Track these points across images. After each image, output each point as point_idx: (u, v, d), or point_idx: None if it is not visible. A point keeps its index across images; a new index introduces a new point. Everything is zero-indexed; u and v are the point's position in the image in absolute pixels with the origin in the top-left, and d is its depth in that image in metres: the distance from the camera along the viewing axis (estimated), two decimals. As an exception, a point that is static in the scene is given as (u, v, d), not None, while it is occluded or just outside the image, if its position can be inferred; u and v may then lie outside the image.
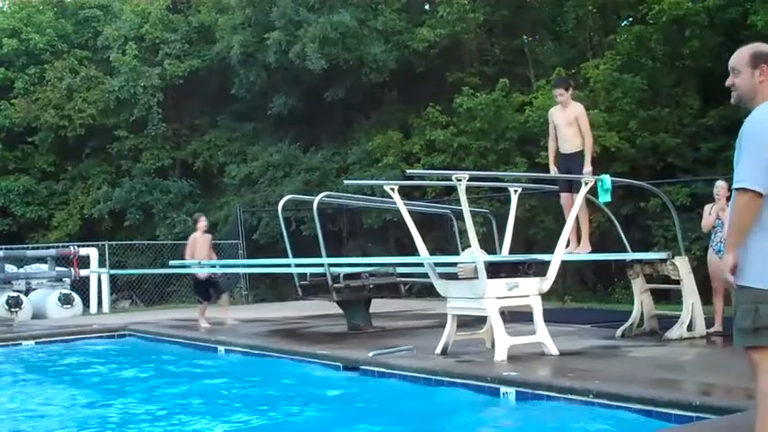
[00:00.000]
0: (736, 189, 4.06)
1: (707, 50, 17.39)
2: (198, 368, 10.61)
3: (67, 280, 18.41)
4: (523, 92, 20.53)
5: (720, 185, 10.12)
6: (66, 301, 17.42)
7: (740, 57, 4.30)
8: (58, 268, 18.37)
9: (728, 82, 4.33)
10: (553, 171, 10.20)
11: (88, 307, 18.69)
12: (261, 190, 24.05)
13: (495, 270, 8.58)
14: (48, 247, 20.27)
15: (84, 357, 12.15)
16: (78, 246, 19.43)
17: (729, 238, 4.16)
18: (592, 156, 9.91)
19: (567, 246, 9.64)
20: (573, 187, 9.83)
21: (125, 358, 12.08)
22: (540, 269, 8.94)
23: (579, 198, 9.25)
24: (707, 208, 10.27)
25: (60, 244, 21.09)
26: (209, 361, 11.02)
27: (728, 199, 10.06)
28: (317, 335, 12.11)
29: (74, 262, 18.72)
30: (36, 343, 13.18)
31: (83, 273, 18.76)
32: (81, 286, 18.86)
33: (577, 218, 9.62)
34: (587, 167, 9.67)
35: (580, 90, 18.86)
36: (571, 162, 9.92)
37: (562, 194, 10.18)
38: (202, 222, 14.11)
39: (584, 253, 10.00)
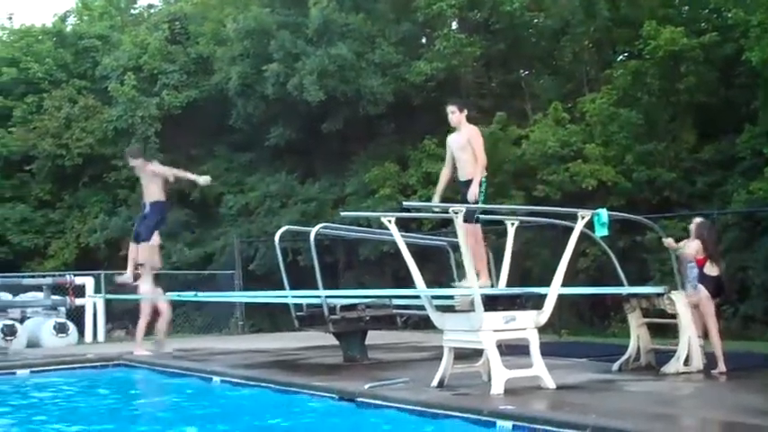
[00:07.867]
0: None
1: (703, 86, 17.53)
2: (192, 399, 10.57)
3: (63, 308, 18.32)
4: (520, 125, 20.61)
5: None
6: (60, 329, 17.34)
7: None
8: (53, 297, 18.30)
9: None
10: (435, 200, 10.12)
11: (83, 336, 18.61)
12: (258, 220, 24.06)
13: (491, 303, 8.58)
14: (44, 276, 20.22)
15: (79, 387, 12.07)
16: (74, 275, 19.35)
17: None
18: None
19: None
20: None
21: (119, 388, 12.01)
22: (536, 302, 8.94)
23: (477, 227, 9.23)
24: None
25: (56, 273, 21.02)
26: (203, 391, 10.97)
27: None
28: (313, 366, 12.07)
29: (69, 291, 18.65)
30: (31, 372, 13.06)
31: (78, 301, 18.68)
32: (76, 315, 18.78)
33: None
34: (474, 188, 9.51)
35: (576, 124, 18.98)
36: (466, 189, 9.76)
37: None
38: None
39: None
